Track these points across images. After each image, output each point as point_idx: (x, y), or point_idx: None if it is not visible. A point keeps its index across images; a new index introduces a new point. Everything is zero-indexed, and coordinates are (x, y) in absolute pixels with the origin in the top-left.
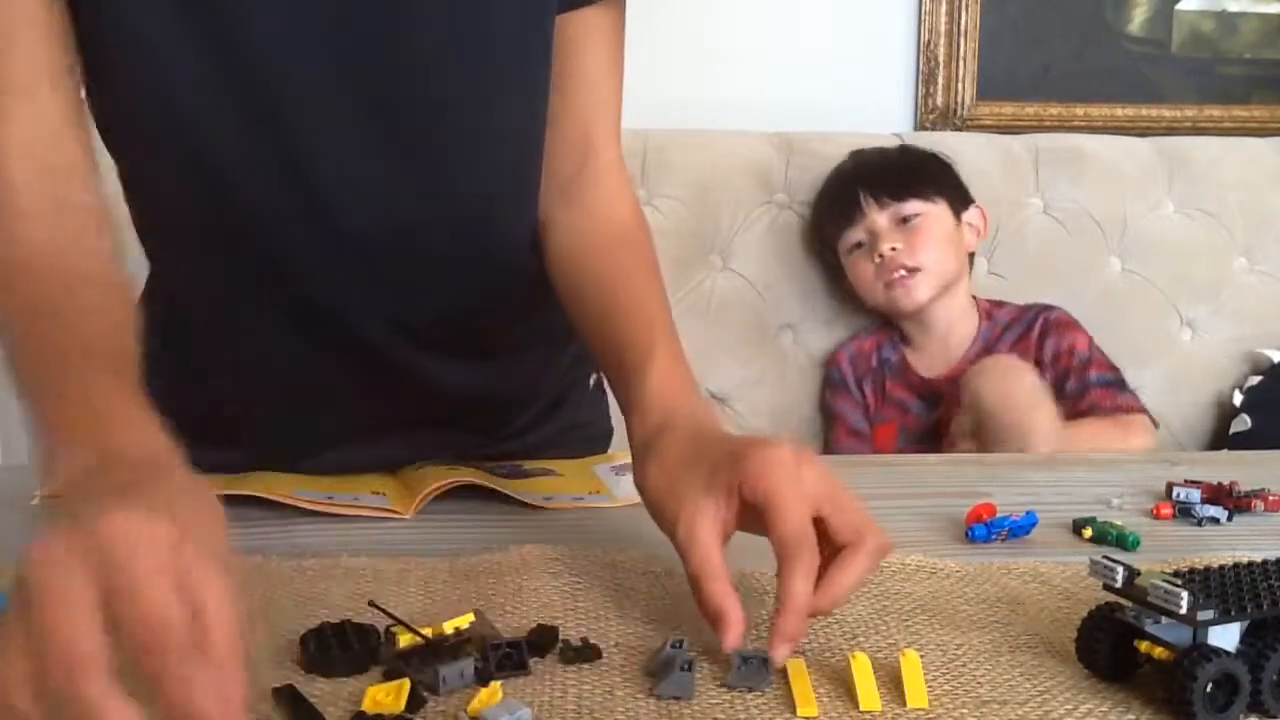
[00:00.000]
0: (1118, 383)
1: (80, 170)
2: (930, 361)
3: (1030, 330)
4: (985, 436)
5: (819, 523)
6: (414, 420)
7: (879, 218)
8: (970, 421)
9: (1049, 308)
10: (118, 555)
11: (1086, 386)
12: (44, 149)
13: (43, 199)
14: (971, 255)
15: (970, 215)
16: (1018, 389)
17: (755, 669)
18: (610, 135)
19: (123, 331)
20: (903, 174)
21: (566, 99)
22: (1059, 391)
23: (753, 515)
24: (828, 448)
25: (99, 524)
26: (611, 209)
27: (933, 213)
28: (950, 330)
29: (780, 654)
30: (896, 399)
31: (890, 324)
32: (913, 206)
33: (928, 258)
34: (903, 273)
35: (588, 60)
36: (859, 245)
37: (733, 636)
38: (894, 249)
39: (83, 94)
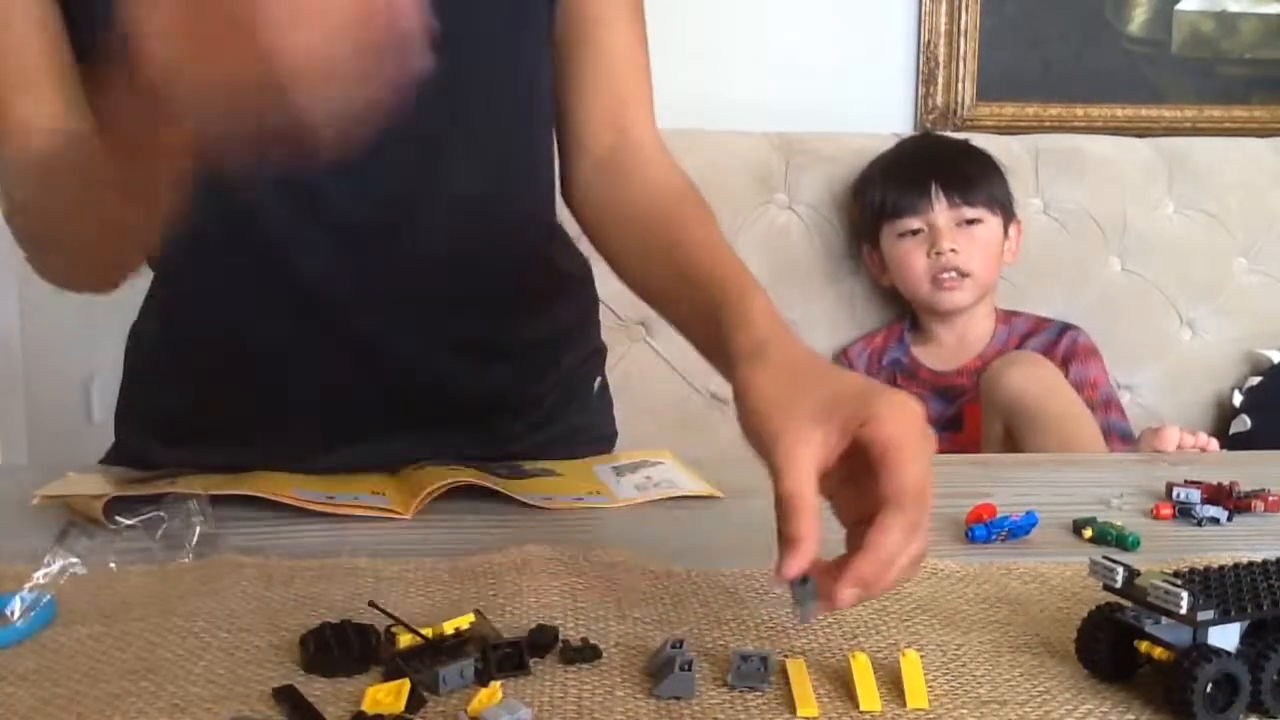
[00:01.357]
0: (1128, 435)
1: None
2: (942, 357)
3: (1055, 347)
4: (1019, 431)
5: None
6: (416, 420)
7: (944, 214)
8: (998, 425)
9: (1074, 328)
10: None
11: (1108, 429)
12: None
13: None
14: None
15: (1013, 231)
16: (1051, 380)
17: (755, 668)
18: (642, 111)
19: None
20: (974, 177)
21: (594, 79)
22: None
23: (857, 461)
24: None
25: None
26: (659, 173)
27: (991, 223)
28: (969, 330)
29: (844, 597)
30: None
31: (898, 322)
32: (978, 212)
33: (978, 265)
34: (954, 275)
35: (612, 37)
36: (913, 233)
37: (795, 566)
38: (954, 250)
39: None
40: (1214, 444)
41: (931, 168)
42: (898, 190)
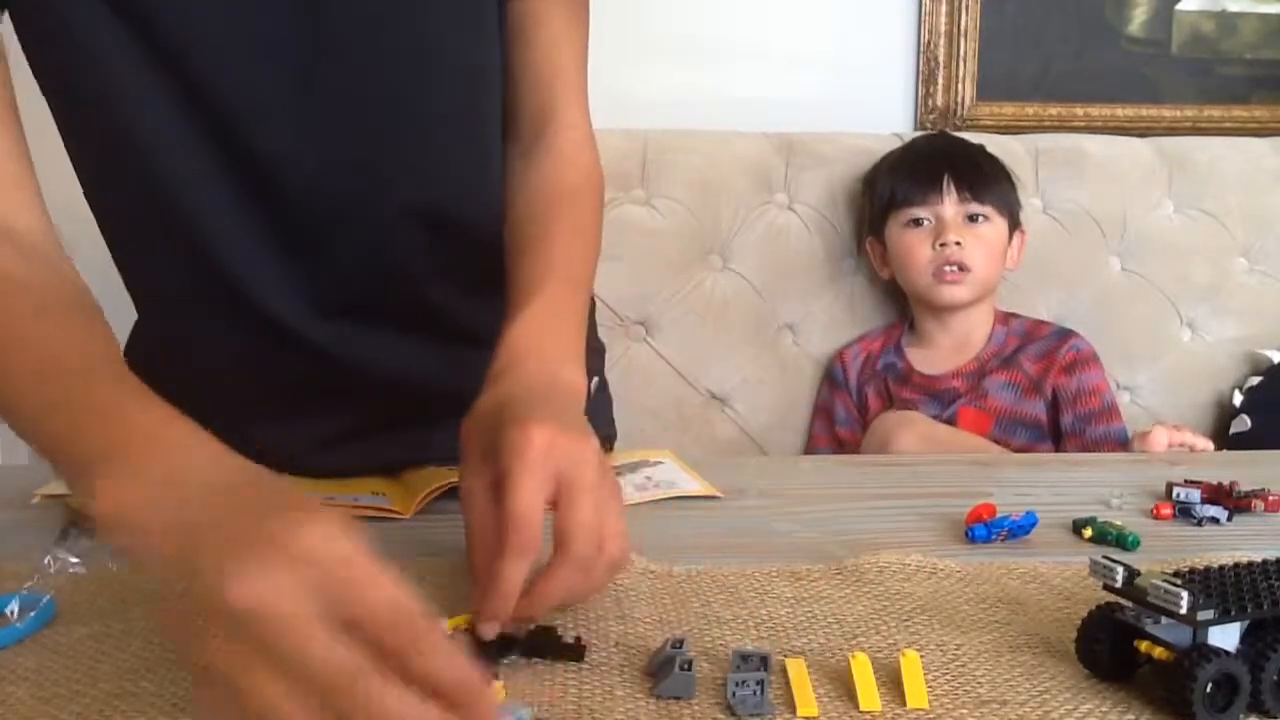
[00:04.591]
0: (1128, 442)
1: (21, 186)
2: (938, 361)
3: (1055, 353)
4: None
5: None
6: (414, 421)
7: (953, 208)
8: None
9: (1074, 334)
10: (326, 564)
11: (1109, 437)
12: None
13: None
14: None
15: (1016, 239)
16: (941, 432)
17: (752, 692)
18: (570, 99)
19: (107, 338)
20: (986, 175)
21: (525, 69)
22: (1074, 430)
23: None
24: (811, 440)
25: (294, 542)
26: (559, 173)
27: (998, 223)
28: (967, 332)
29: (485, 631)
30: (904, 400)
31: (896, 325)
32: (985, 210)
33: (980, 262)
34: (956, 269)
35: (544, 30)
36: (918, 223)
37: (484, 618)
38: (958, 243)
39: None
40: (1202, 441)
41: (945, 161)
42: (910, 180)
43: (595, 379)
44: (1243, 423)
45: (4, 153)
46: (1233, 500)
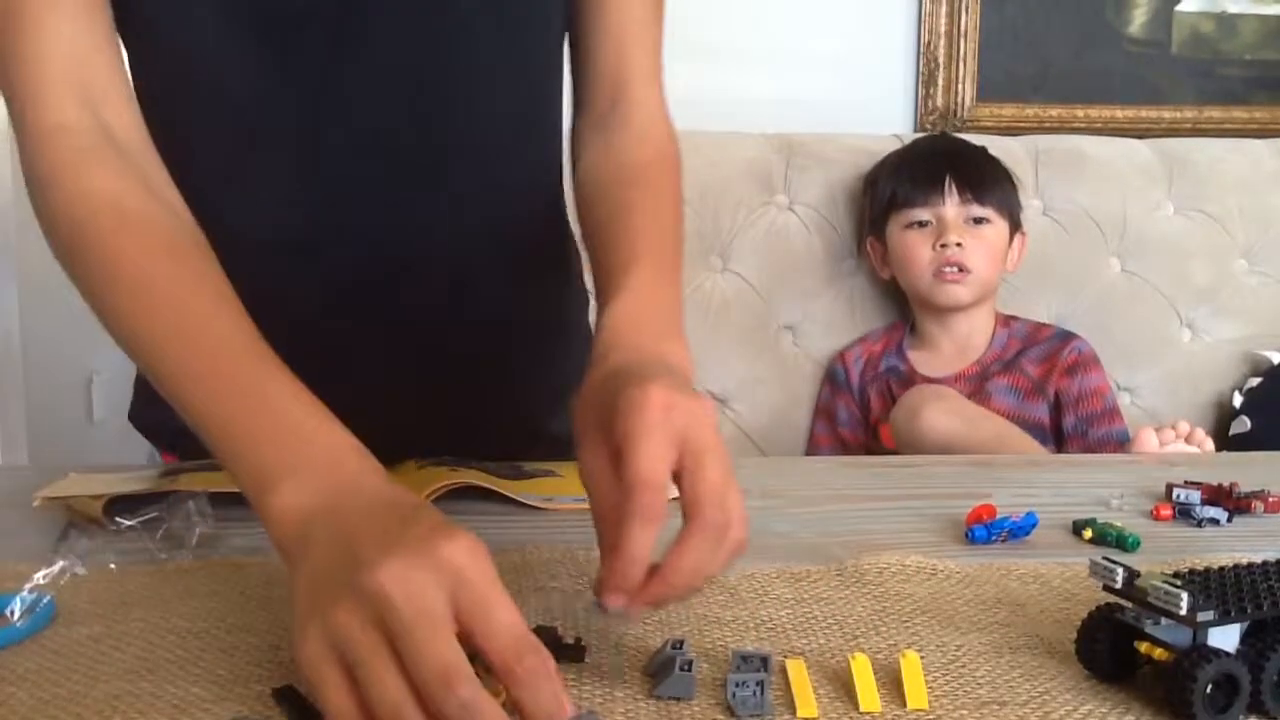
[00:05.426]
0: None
1: (116, 92)
2: (940, 363)
3: (1056, 355)
4: None
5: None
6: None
7: (955, 209)
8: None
9: (1076, 337)
10: (466, 575)
11: (1111, 439)
12: (79, 66)
13: (93, 134)
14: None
15: (1017, 240)
16: (968, 407)
17: (752, 693)
18: (644, 69)
19: (238, 309)
20: (987, 177)
21: (599, 35)
22: (1077, 432)
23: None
24: (812, 441)
25: (438, 551)
26: (636, 147)
27: (999, 225)
28: (968, 334)
29: (610, 601)
30: None
31: (898, 327)
32: (987, 211)
33: (981, 264)
34: (956, 270)
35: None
36: (920, 224)
37: (609, 588)
38: (959, 244)
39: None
40: (1199, 434)
41: (947, 163)
42: (911, 182)
43: None
44: (1242, 424)
45: (93, 42)
46: (1233, 501)
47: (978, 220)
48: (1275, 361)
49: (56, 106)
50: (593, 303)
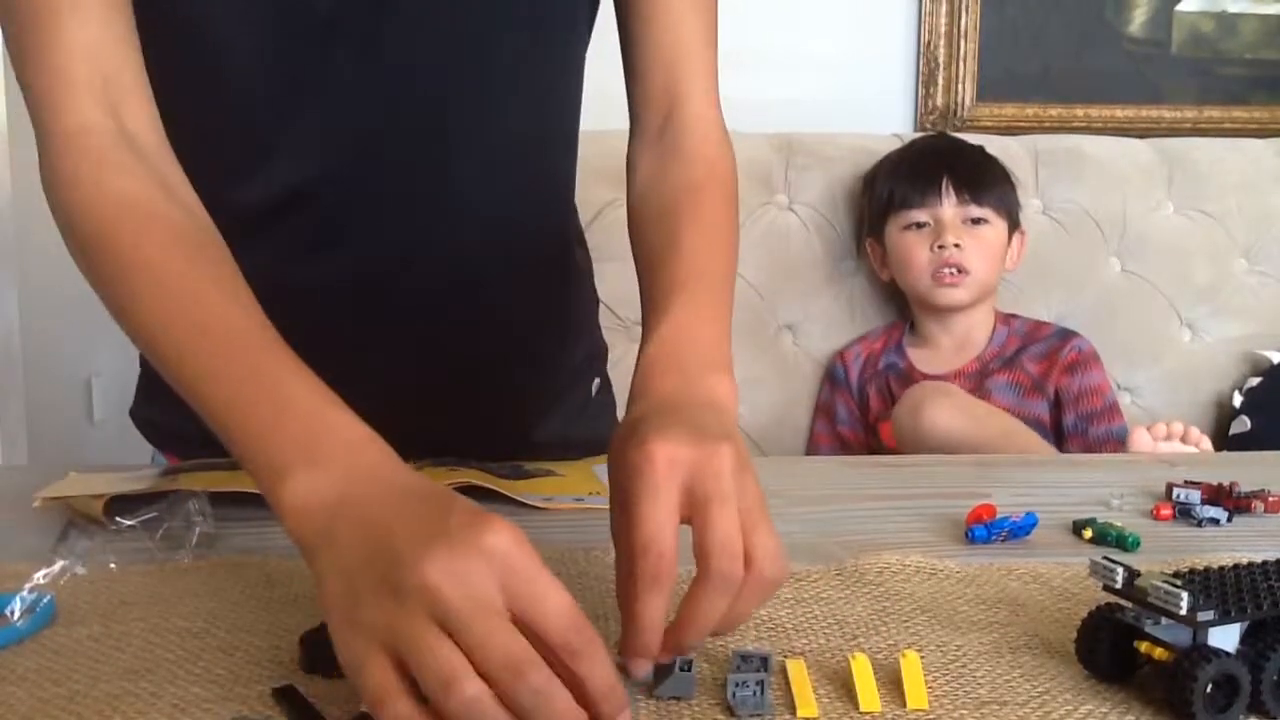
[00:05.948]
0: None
1: (136, 94)
2: (940, 361)
3: (1055, 354)
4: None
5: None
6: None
7: (952, 210)
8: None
9: (1076, 335)
10: (512, 562)
11: (1110, 437)
12: (100, 67)
13: (113, 135)
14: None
15: (1016, 239)
16: (974, 404)
17: (752, 692)
18: (697, 84)
19: (254, 304)
20: (985, 177)
21: (650, 49)
22: (1077, 430)
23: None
24: (812, 440)
25: (481, 539)
26: (686, 169)
27: (997, 225)
28: (967, 333)
29: (634, 669)
30: None
31: (897, 325)
32: (985, 212)
33: (979, 264)
34: (955, 271)
35: (667, 11)
36: (918, 225)
37: (629, 655)
38: (957, 245)
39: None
40: (1194, 433)
41: (944, 164)
42: (909, 183)
43: (598, 380)
44: (1242, 423)
45: (114, 41)
46: (1233, 501)
47: (976, 221)
48: (1275, 361)
49: (77, 109)
50: (601, 306)
